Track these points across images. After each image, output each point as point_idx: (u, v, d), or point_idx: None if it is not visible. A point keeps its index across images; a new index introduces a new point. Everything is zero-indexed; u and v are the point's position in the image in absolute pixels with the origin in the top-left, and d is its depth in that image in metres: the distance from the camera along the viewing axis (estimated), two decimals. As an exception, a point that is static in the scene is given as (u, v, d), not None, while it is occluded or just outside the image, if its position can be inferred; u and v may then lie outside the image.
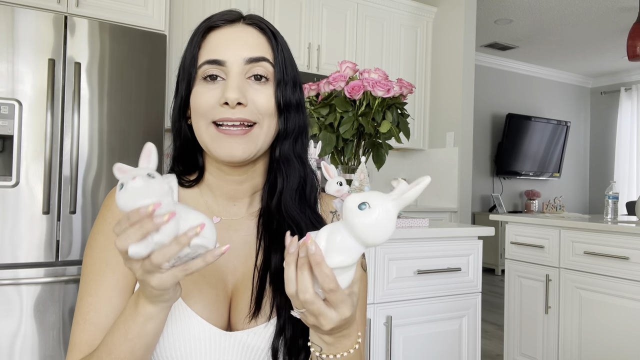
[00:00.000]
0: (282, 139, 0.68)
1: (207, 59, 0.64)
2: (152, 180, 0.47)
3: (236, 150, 0.63)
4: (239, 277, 0.68)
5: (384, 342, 1.54)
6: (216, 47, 0.64)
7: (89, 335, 0.62)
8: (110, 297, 0.64)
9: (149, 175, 0.48)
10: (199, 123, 0.64)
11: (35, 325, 1.88)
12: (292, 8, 3.32)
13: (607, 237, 2.05)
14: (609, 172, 6.76)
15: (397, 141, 1.64)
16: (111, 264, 0.65)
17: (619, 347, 1.99)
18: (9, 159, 1.92)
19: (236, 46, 0.64)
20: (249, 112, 0.63)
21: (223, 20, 0.66)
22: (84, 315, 0.63)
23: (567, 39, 5.32)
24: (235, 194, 0.70)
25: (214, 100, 0.63)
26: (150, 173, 0.48)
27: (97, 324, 0.63)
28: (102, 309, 0.63)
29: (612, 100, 6.81)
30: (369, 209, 0.46)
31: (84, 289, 0.65)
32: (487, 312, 3.89)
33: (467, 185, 3.75)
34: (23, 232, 1.89)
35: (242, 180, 0.69)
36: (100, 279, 0.64)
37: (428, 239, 1.63)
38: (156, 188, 0.47)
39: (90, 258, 0.66)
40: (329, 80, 1.61)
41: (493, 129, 6.12)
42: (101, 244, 0.66)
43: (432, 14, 3.98)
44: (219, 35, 0.65)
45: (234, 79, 0.63)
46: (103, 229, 0.67)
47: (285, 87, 0.66)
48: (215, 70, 0.64)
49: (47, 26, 1.97)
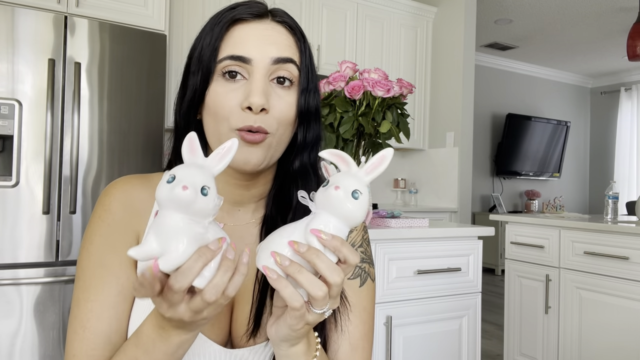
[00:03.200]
0: (301, 150, 0.64)
1: (230, 53, 0.58)
2: (201, 198, 0.43)
3: (252, 159, 0.59)
4: (240, 289, 0.66)
5: (384, 342, 1.54)
6: (242, 42, 0.59)
7: (89, 344, 0.57)
8: (114, 304, 0.59)
9: (202, 191, 0.44)
10: (219, 126, 0.59)
11: (35, 325, 1.88)
12: (292, 8, 3.32)
13: (607, 237, 2.05)
14: (609, 172, 6.76)
15: (397, 141, 1.64)
16: (113, 268, 0.60)
17: (619, 347, 1.99)
18: (9, 159, 1.92)
19: (264, 44, 0.59)
20: (268, 121, 0.59)
21: (250, 13, 0.61)
22: (83, 323, 0.58)
23: (567, 39, 5.32)
24: (241, 200, 0.66)
25: (235, 102, 0.58)
26: (205, 187, 0.44)
27: (98, 333, 0.58)
28: (104, 315, 0.58)
29: (612, 100, 6.81)
30: (362, 196, 0.48)
31: (82, 295, 0.59)
32: (487, 312, 3.89)
33: (467, 185, 3.75)
34: (23, 232, 1.89)
35: (250, 186, 0.65)
36: (101, 284, 0.59)
37: (428, 239, 1.63)
38: (200, 208, 0.44)
39: (88, 262, 0.60)
40: (329, 80, 1.61)
41: (493, 129, 6.12)
42: (99, 246, 0.61)
43: (432, 14, 3.98)
44: (246, 29, 0.60)
45: (259, 81, 0.58)
46: (101, 231, 0.61)
47: (309, 95, 0.62)
48: (238, 67, 0.59)
49: (47, 26, 1.97)
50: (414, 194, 4.00)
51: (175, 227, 0.44)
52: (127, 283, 0.60)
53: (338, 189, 0.48)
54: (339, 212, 0.48)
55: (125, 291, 0.60)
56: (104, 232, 0.62)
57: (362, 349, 0.66)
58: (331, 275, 0.47)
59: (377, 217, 1.67)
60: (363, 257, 0.71)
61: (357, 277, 0.69)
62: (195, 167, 0.46)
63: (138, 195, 0.64)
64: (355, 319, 0.66)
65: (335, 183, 0.48)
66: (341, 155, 0.52)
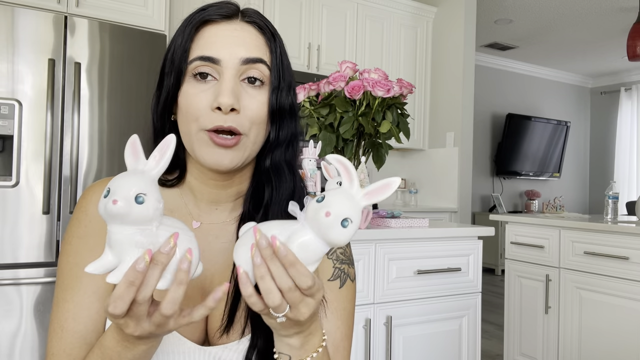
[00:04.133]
0: (273, 148, 0.64)
1: (199, 54, 0.60)
2: (136, 208, 0.44)
3: (224, 160, 0.59)
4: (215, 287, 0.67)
5: (384, 342, 1.54)
6: (211, 43, 0.60)
7: (66, 344, 0.59)
8: (89, 304, 0.60)
9: (137, 199, 0.44)
10: (189, 126, 0.60)
11: (35, 325, 1.88)
12: (292, 8, 3.32)
13: (607, 237, 2.05)
14: (609, 172, 6.76)
15: (397, 141, 1.64)
16: None
17: (619, 347, 1.99)
18: (9, 159, 1.92)
19: (233, 45, 0.60)
20: (240, 121, 0.59)
21: (219, 14, 0.61)
22: (61, 323, 0.59)
23: (567, 39, 5.32)
24: (218, 199, 0.67)
25: (205, 103, 0.59)
26: (140, 195, 0.44)
27: (75, 332, 0.59)
28: (80, 315, 0.59)
29: (612, 100, 6.81)
30: (352, 224, 0.47)
31: (60, 295, 0.61)
32: (487, 312, 3.89)
33: (467, 185, 3.75)
34: (23, 232, 1.89)
35: (227, 186, 0.66)
36: (78, 284, 0.60)
37: (428, 239, 1.63)
38: (138, 216, 0.44)
39: (66, 263, 0.62)
40: (329, 80, 1.61)
41: (493, 129, 6.12)
42: (77, 247, 0.62)
43: (432, 14, 3.98)
44: (215, 30, 0.61)
45: (228, 82, 0.59)
46: (78, 232, 0.63)
47: (281, 93, 0.62)
48: (208, 68, 0.60)
49: (47, 26, 1.97)
50: (414, 194, 4.00)
51: (122, 239, 0.45)
52: (103, 284, 0.60)
53: (329, 216, 0.47)
54: (323, 235, 0.48)
55: (101, 291, 0.61)
56: (81, 233, 0.63)
57: (343, 349, 0.67)
58: (279, 279, 0.47)
59: (377, 217, 1.67)
60: (342, 257, 0.71)
61: (337, 278, 0.69)
62: (133, 175, 0.46)
63: None
64: (337, 320, 0.67)
65: (328, 207, 0.47)
66: (347, 167, 0.50)
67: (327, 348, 0.62)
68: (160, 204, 0.46)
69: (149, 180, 0.46)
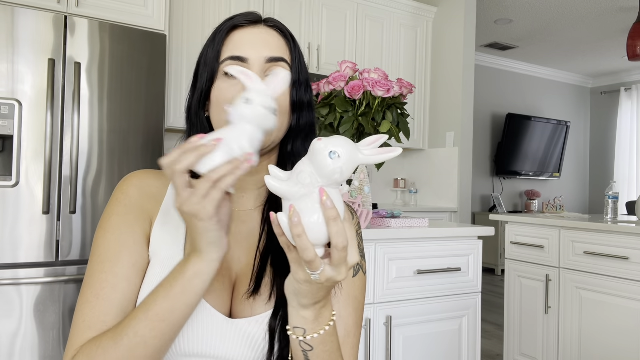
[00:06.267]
0: (294, 136, 0.73)
1: (230, 55, 0.68)
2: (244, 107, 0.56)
3: None
4: (242, 267, 0.70)
5: (384, 342, 1.54)
6: (240, 45, 0.69)
7: (101, 311, 0.62)
8: (129, 275, 0.64)
9: (247, 100, 0.56)
10: (220, 116, 0.67)
11: (35, 325, 1.88)
12: (292, 8, 3.32)
13: (607, 237, 2.05)
14: (609, 172, 6.76)
15: (397, 141, 1.64)
16: (128, 244, 0.66)
17: (619, 347, 1.99)
18: (9, 159, 1.92)
19: (258, 46, 0.69)
20: None
21: (246, 21, 0.71)
22: (96, 291, 0.63)
23: (567, 39, 5.32)
24: (245, 185, 0.73)
25: (235, 95, 0.65)
26: (249, 98, 0.56)
27: (114, 300, 0.62)
28: (119, 285, 0.63)
29: (612, 100, 6.81)
30: (338, 159, 0.52)
31: (97, 267, 0.64)
32: (487, 312, 3.89)
33: (467, 185, 3.75)
34: (23, 232, 1.89)
35: (253, 172, 0.70)
36: (117, 258, 0.65)
37: (428, 239, 1.63)
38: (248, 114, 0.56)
39: (104, 239, 0.66)
40: (329, 80, 1.61)
41: (493, 129, 6.12)
42: (116, 224, 0.67)
43: (432, 14, 3.98)
44: (243, 34, 0.70)
45: None
46: (118, 210, 0.68)
47: (300, 87, 0.71)
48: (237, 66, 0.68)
49: (47, 26, 1.97)
50: (414, 194, 4.00)
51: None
52: (140, 259, 0.66)
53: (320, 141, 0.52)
54: (315, 163, 0.52)
55: (138, 265, 0.66)
56: (121, 211, 0.68)
57: (354, 336, 0.72)
58: (336, 236, 0.51)
59: (377, 217, 1.67)
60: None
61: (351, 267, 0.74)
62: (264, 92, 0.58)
63: (153, 183, 0.72)
64: (349, 307, 0.72)
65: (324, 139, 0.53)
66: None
67: (338, 332, 0.68)
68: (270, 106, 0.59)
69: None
